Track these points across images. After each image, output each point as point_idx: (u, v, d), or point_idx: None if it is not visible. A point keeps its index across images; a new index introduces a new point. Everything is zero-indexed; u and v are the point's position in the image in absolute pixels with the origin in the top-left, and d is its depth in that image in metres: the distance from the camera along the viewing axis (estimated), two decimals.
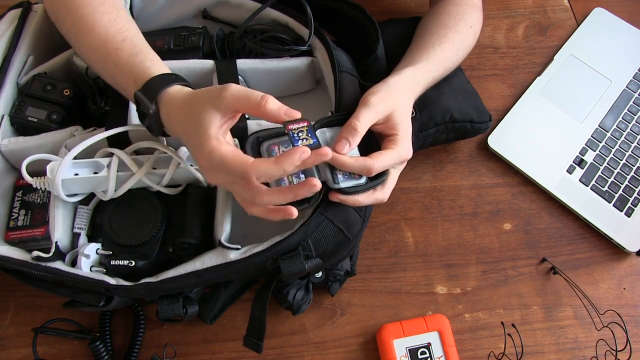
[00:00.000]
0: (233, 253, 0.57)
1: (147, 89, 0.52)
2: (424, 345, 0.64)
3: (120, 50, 0.55)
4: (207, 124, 0.47)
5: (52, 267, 0.56)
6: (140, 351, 0.64)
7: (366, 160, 0.53)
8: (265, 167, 0.45)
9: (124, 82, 0.55)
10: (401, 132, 0.57)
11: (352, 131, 0.53)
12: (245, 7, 0.70)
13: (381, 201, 0.56)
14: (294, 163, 0.45)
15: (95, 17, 0.57)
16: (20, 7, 0.69)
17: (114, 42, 0.55)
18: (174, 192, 0.62)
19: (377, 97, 0.56)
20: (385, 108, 0.56)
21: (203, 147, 0.47)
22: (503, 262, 0.72)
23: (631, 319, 0.69)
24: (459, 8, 0.71)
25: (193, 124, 0.48)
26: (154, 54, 0.56)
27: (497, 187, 0.76)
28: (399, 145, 0.56)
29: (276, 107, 0.47)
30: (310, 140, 0.48)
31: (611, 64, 0.84)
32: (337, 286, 0.67)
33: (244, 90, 0.47)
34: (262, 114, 0.47)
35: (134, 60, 0.54)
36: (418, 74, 0.63)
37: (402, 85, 0.60)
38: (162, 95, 0.51)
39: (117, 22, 0.57)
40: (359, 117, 0.54)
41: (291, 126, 0.48)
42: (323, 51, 0.67)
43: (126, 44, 0.55)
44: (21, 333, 0.65)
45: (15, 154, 0.63)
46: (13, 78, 0.66)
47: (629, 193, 0.76)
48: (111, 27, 0.56)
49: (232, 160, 0.46)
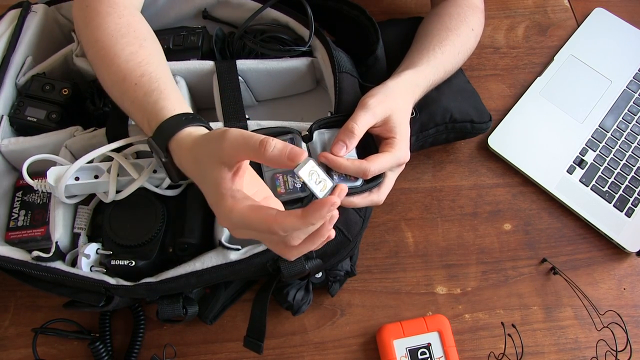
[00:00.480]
0: (233, 253, 0.57)
1: (158, 135, 0.49)
2: (424, 345, 0.64)
3: (138, 86, 0.52)
4: (217, 181, 0.43)
5: (52, 267, 0.56)
6: (140, 351, 0.64)
7: (362, 163, 0.53)
8: (290, 224, 0.40)
9: (139, 122, 0.54)
10: (399, 135, 0.57)
11: (349, 134, 0.54)
12: (246, 7, 0.70)
13: (376, 203, 0.56)
14: (324, 217, 0.40)
15: (116, 50, 0.54)
16: (20, 7, 0.69)
17: (133, 77, 0.53)
18: (174, 192, 0.62)
19: (375, 100, 0.56)
20: (384, 111, 0.56)
21: (220, 206, 0.43)
22: (503, 263, 0.72)
23: (631, 319, 0.69)
24: (460, 10, 0.71)
25: (204, 180, 0.45)
26: (172, 87, 0.54)
27: (497, 187, 0.76)
28: (396, 148, 0.56)
29: (277, 152, 0.40)
30: (328, 182, 0.42)
31: (611, 64, 0.84)
32: (337, 286, 0.67)
33: (242, 137, 0.41)
34: (264, 161, 0.41)
35: (148, 100, 0.51)
36: (418, 77, 0.63)
37: (401, 89, 0.60)
38: (172, 142, 0.49)
39: (139, 54, 0.54)
40: (357, 120, 0.54)
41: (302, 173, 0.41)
42: (323, 51, 0.67)
43: (144, 80, 0.52)
44: (21, 333, 0.65)
45: (15, 154, 0.63)
46: (12, 78, 0.66)
47: (629, 193, 0.76)
48: (131, 61, 0.54)
49: (254, 218, 0.41)
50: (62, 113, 0.65)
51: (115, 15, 0.56)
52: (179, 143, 0.48)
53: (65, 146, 0.62)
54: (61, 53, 0.68)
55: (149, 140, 0.51)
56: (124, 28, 0.56)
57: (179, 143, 0.48)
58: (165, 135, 0.49)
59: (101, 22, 0.56)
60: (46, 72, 0.67)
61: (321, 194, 0.42)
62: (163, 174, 0.59)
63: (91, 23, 0.56)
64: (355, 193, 0.54)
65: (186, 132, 0.49)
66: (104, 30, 0.55)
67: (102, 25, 0.56)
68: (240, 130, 0.43)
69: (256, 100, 0.75)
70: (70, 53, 0.68)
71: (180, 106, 0.52)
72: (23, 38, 0.67)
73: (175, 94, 0.53)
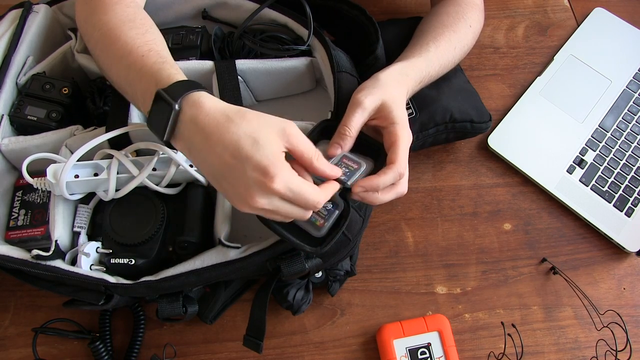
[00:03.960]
0: (233, 252, 0.57)
1: (172, 88, 0.48)
2: (424, 345, 0.64)
3: (146, 57, 0.52)
4: (278, 151, 0.46)
5: (52, 265, 0.56)
6: (140, 351, 0.64)
7: (392, 167, 0.53)
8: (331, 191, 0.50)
9: (143, 88, 0.51)
10: (397, 118, 0.56)
11: (343, 136, 0.55)
12: (244, 7, 0.70)
13: (402, 194, 0.55)
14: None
15: (123, 29, 0.55)
16: (21, 7, 0.69)
17: (140, 50, 0.53)
18: (174, 191, 0.62)
19: (364, 93, 0.56)
20: (373, 102, 0.56)
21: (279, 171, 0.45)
22: (503, 262, 0.72)
23: (631, 319, 0.69)
24: (459, 8, 0.71)
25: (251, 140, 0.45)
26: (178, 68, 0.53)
27: (497, 187, 0.76)
28: (401, 134, 0.55)
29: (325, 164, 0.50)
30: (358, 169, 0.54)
31: (611, 64, 0.84)
32: (337, 286, 0.67)
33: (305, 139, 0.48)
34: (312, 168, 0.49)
35: (159, 67, 0.51)
36: (407, 67, 0.62)
37: (389, 78, 0.59)
38: (190, 96, 0.48)
39: (146, 35, 0.55)
40: (348, 122, 0.55)
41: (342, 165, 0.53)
42: (322, 51, 0.67)
43: (152, 54, 0.53)
44: (21, 333, 0.65)
45: (16, 153, 0.64)
46: (12, 78, 0.66)
47: (629, 193, 0.75)
48: (138, 39, 0.54)
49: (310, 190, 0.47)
50: (62, 112, 0.65)
51: (122, 5, 0.58)
52: (202, 97, 0.48)
53: (65, 145, 0.62)
54: (60, 51, 0.68)
55: (159, 91, 0.48)
56: (131, 15, 0.57)
57: (202, 97, 0.48)
58: (183, 88, 0.48)
59: (108, 9, 0.57)
60: (46, 71, 0.67)
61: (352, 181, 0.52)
62: (163, 172, 0.59)
63: (98, 9, 0.57)
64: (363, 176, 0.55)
65: (208, 95, 0.49)
66: (111, 15, 0.56)
67: (109, 12, 0.57)
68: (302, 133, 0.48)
69: (256, 100, 0.75)
70: (69, 50, 0.68)
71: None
72: (24, 38, 0.67)
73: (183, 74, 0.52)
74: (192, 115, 0.47)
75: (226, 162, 0.46)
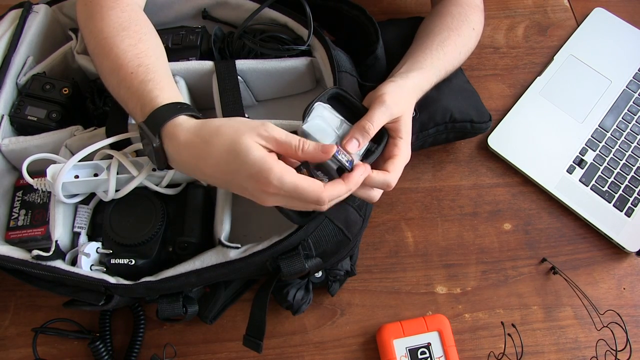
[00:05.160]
0: (233, 252, 0.57)
1: (150, 120, 0.50)
2: (424, 345, 0.64)
3: (134, 75, 0.53)
4: (261, 155, 0.46)
5: (52, 266, 0.56)
6: (140, 351, 0.64)
7: (386, 175, 0.54)
8: (337, 191, 0.48)
9: (132, 109, 0.53)
10: (404, 135, 0.57)
11: (364, 134, 0.54)
12: (244, 7, 0.70)
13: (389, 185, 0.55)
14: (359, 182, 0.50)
15: (116, 40, 0.55)
16: (21, 7, 0.69)
17: (130, 66, 0.53)
18: (174, 191, 0.62)
19: (392, 98, 0.56)
20: (399, 111, 0.56)
21: (270, 174, 0.45)
22: (503, 262, 0.72)
23: (631, 319, 0.69)
24: (461, 9, 0.71)
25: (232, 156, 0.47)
26: (169, 81, 0.54)
27: (497, 187, 0.76)
28: (403, 150, 0.56)
29: (312, 148, 0.48)
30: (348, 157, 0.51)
31: (611, 64, 0.84)
32: (337, 286, 0.67)
33: (285, 134, 0.48)
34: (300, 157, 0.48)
35: (144, 88, 0.52)
36: (423, 79, 0.63)
37: (410, 89, 0.60)
38: (166, 128, 0.49)
39: (138, 46, 0.55)
40: (373, 119, 0.54)
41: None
42: (322, 51, 0.67)
43: (141, 70, 0.53)
44: (21, 333, 0.65)
45: (16, 153, 0.64)
46: (12, 78, 0.66)
47: (629, 193, 0.75)
48: (129, 52, 0.54)
49: (306, 186, 0.46)
50: (62, 112, 0.65)
51: (118, 9, 0.57)
52: (175, 129, 0.49)
53: (65, 145, 0.62)
54: (60, 51, 0.68)
55: (140, 125, 0.51)
56: (125, 22, 0.57)
57: (175, 129, 0.49)
58: (160, 119, 0.50)
59: (104, 14, 0.57)
60: (46, 71, 0.67)
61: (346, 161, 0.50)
62: (163, 172, 0.59)
63: (95, 15, 0.57)
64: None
65: (183, 118, 0.50)
66: (106, 22, 0.56)
67: (105, 18, 0.57)
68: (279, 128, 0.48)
69: (256, 100, 0.75)
70: (70, 50, 0.68)
71: (174, 96, 0.52)
72: (24, 38, 0.67)
73: (170, 86, 0.54)
74: (172, 147, 0.50)
75: (223, 179, 0.49)
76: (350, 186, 0.49)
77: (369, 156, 0.56)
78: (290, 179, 0.46)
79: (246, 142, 0.46)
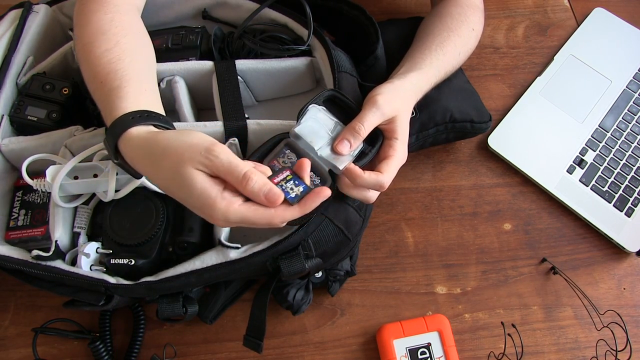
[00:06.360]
0: (233, 252, 0.57)
1: (109, 134, 0.48)
2: (424, 345, 0.64)
3: (103, 84, 0.51)
4: (203, 186, 0.43)
5: (52, 266, 0.56)
6: (140, 351, 0.64)
7: (379, 176, 0.53)
8: (290, 216, 0.45)
9: (105, 121, 0.51)
10: (400, 135, 0.57)
11: (355, 134, 0.54)
12: (244, 7, 0.70)
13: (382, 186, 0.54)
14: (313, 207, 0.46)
15: (93, 47, 0.54)
16: (21, 7, 0.69)
17: (101, 74, 0.52)
18: None
19: (385, 99, 0.56)
20: (391, 111, 0.56)
21: (213, 209, 0.43)
22: (503, 262, 0.72)
23: (631, 319, 0.69)
24: (461, 10, 0.71)
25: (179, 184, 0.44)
26: (135, 87, 0.52)
27: (497, 187, 0.76)
28: (399, 151, 0.56)
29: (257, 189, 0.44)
30: (300, 188, 0.47)
31: (611, 64, 0.84)
32: (337, 286, 0.67)
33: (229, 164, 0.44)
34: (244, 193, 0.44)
35: (108, 98, 0.50)
36: (421, 80, 0.63)
37: (407, 90, 0.60)
38: (120, 142, 0.48)
39: (112, 51, 0.53)
40: (364, 120, 0.54)
41: (276, 180, 0.46)
42: (322, 51, 0.67)
43: (109, 77, 0.51)
44: (21, 333, 0.65)
45: (16, 153, 0.63)
46: (12, 78, 0.66)
47: (629, 193, 0.75)
48: (103, 58, 0.53)
49: (254, 216, 0.44)
50: (62, 112, 0.65)
51: (101, 12, 0.56)
52: (126, 144, 0.48)
53: (65, 145, 0.62)
54: (60, 51, 0.68)
55: (104, 140, 0.50)
56: (106, 25, 0.55)
57: (126, 144, 0.48)
58: (115, 133, 0.48)
59: (87, 20, 0.56)
60: (46, 71, 0.67)
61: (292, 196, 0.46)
62: None
63: (80, 21, 0.57)
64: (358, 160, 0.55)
65: (134, 132, 0.48)
66: (88, 27, 0.55)
67: (87, 23, 0.56)
68: (228, 154, 0.44)
69: (256, 100, 0.75)
70: (69, 50, 0.68)
71: (136, 103, 0.50)
72: (24, 38, 0.67)
73: (136, 91, 0.51)
74: (130, 160, 0.49)
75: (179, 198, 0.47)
76: (305, 210, 0.46)
77: (363, 158, 0.56)
78: (235, 214, 0.44)
79: (188, 172, 0.44)
